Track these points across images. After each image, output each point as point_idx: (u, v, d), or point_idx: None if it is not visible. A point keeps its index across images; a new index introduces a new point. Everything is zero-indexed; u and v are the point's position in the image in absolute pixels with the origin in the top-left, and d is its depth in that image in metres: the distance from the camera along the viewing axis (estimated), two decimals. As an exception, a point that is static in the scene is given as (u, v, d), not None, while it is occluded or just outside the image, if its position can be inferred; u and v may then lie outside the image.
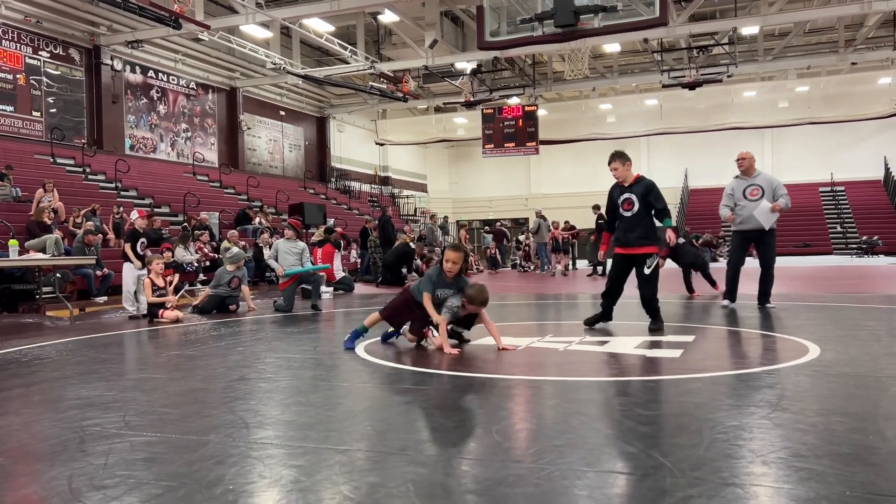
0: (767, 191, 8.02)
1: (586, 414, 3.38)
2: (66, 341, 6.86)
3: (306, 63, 24.93)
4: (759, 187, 8.07)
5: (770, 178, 8.20)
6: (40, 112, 18.93)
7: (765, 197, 8.00)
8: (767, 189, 8.03)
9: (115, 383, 4.50)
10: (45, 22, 18.83)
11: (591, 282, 15.46)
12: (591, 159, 36.63)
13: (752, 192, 8.09)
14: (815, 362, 4.55)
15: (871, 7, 19.32)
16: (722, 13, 23.99)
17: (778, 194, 7.99)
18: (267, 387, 4.27)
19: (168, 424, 3.37)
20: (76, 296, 11.71)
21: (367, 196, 32.19)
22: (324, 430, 3.18)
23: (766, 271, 8.15)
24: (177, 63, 23.49)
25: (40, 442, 3.15)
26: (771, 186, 8.05)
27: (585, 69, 20.97)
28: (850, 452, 2.65)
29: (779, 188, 8.04)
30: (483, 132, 26.60)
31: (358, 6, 18.80)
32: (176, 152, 23.60)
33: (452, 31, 23.58)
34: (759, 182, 8.11)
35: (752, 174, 8.19)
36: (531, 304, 10.31)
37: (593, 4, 8.53)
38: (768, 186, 8.05)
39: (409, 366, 4.89)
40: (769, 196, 8.00)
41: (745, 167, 8.23)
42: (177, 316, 8.54)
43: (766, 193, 8.01)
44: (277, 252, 9.99)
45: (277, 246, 10.11)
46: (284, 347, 6.07)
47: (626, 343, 5.60)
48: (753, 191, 8.09)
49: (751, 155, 8.35)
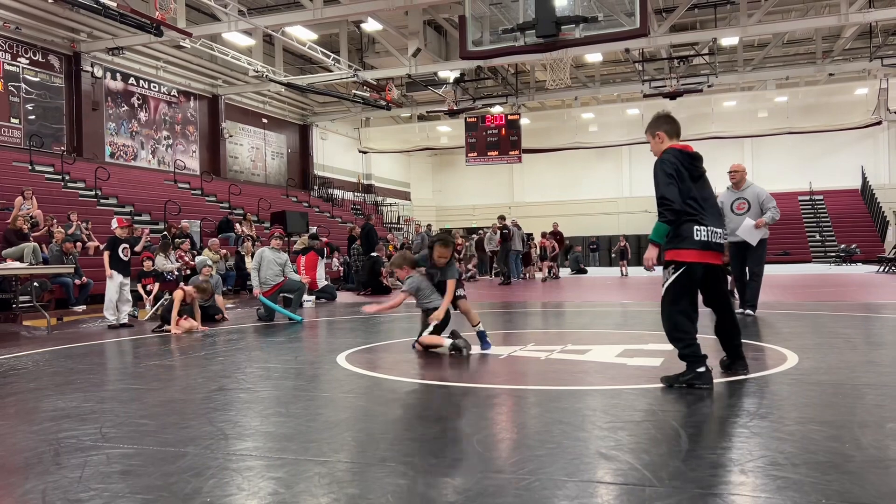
0: (754, 204, 8.06)
1: (567, 423, 3.39)
2: (42, 351, 6.77)
3: (289, 71, 24.88)
4: (745, 201, 8.13)
5: (758, 192, 8.21)
6: (19, 119, 18.72)
7: (751, 210, 8.05)
8: (754, 203, 8.07)
9: (92, 394, 4.44)
10: (25, 28, 18.65)
11: (562, 289, 15.50)
12: (573, 167, 36.91)
13: (739, 205, 8.15)
14: (794, 371, 4.60)
15: (848, 19, 19.64)
16: (702, 24, 24.28)
17: (766, 207, 8.01)
18: (246, 397, 4.24)
19: (145, 436, 3.33)
20: (54, 305, 11.56)
21: (349, 204, 32.11)
22: (303, 442, 3.16)
23: (752, 278, 8.21)
24: (158, 70, 23.35)
25: (14, 455, 3.10)
26: (758, 200, 8.08)
27: (567, 79, 21.11)
28: (826, 461, 2.67)
29: (767, 201, 8.05)
30: (466, 140, 26.69)
31: (341, 15, 18.81)
32: (157, 160, 23.42)
33: (436, 40, 23.66)
34: (746, 195, 8.16)
35: (742, 187, 8.25)
36: (511, 313, 10.32)
37: (574, 15, 8.61)
38: (755, 200, 8.08)
39: (391, 375, 4.88)
40: (755, 210, 8.04)
41: (736, 180, 8.28)
42: (192, 325, 8.40)
43: (752, 207, 8.06)
44: (262, 260, 9.85)
45: (262, 254, 9.95)
46: (265, 357, 6.03)
47: (607, 352, 5.62)
48: (740, 204, 8.14)
49: (742, 168, 8.40)
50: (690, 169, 4.17)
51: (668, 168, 4.09)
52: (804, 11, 23.79)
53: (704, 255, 4.08)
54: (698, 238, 4.05)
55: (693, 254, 4.06)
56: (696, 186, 4.16)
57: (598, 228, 34.85)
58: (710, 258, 4.11)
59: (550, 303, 12.00)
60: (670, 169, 4.08)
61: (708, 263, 4.11)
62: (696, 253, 4.06)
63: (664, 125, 4.35)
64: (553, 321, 9.08)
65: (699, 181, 4.21)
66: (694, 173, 4.18)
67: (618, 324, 8.26)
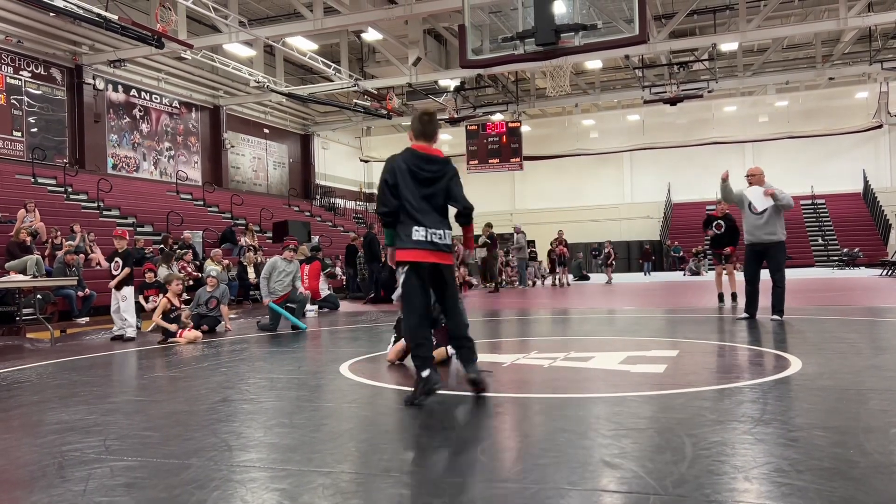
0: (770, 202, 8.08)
1: (571, 431, 3.38)
2: (46, 364, 6.77)
3: (290, 81, 24.98)
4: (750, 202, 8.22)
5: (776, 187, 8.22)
6: (21, 132, 18.80)
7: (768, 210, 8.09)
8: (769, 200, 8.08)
9: (95, 406, 4.45)
10: (27, 42, 18.76)
11: (574, 296, 15.49)
12: (574, 174, 36.94)
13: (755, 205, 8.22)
14: (798, 376, 4.59)
15: (847, 23, 19.67)
16: (701, 30, 24.34)
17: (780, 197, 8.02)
18: (250, 408, 4.24)
19: (149, 448, 3.33)
20: (58, 317, 11.58)
21: (351, 213, 32.17)
22: (307, 452, 3.16)
23: (774, 285, 8.20)
24: (160, 82, 23.45)
25: (19, 468, 3.10)
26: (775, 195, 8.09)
27: (567, 86, 21.17)
28: (831, 467, 2.67)
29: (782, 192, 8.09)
30: (467, 148, 26.74)
31: (341, 25, 18.90)
32: (159, 171, 23.50)
33: (436, 49, 23.75)
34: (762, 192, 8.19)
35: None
36: (516, 320, 10.32)
37: (574, 23, 8.63)
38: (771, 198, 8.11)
39: (394, 385, 4.87)
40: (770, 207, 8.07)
41: (754, 183, 8.36)
42: (196, 336, 8.40)
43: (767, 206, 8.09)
44: (273, 270, 9.87)
45: (275, 264, 9.96)
46: (268, 368, 6.03)
47: (610, 359, 5.61)
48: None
49: (759, 171, 8.49)
50: (415, 171, 4.26)
51: (386, 174, 4.31)
52: (803, 16, 23.87)
53: (426, 255, 4.22)
54: (416, 238, 4.20)
55: (413, 253, 4.22)
56: (421, 187, 4.25)
57: (600, 235, 34.86)
58: (434, 258, 4.25)
59: (555, 309, 12.00)
60: (386, 174, 4.30)
61: (433, 263, 4.25)
62: (416, 252, 4.22)
63: (414, 124, 4.48)
64: (556, 328, 9.07)
65: (426, 182, 4.28)
66: (419, 175, 4.27)
67: (620, 330, 8.26)
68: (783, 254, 8.26)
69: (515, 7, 9.45)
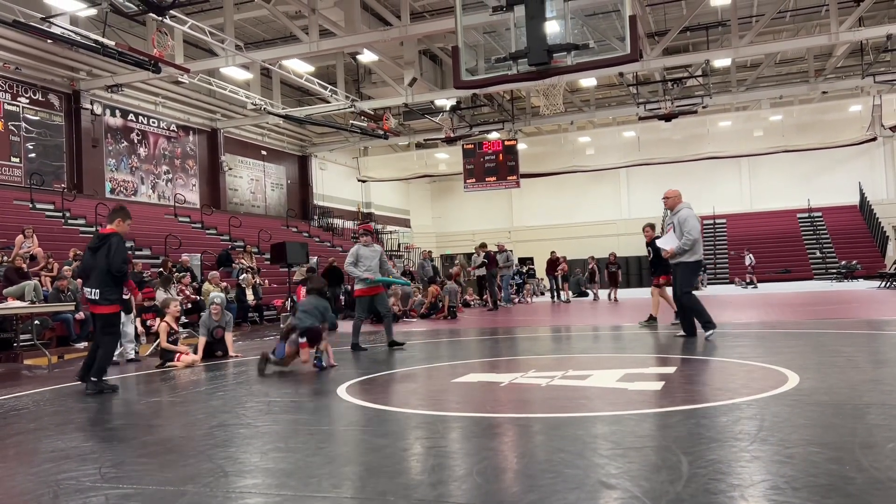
0: (677, 227, 8.34)
1: (568, 451, 3.38)
2: (43, 390, 6.75)
3: (287, 103, 25.11)
4: (672, 224, 8.49)
5: (684, 217, 8.35)
6: (19, 158, 18.86)
7: (676, 232, 8.33)
8: (677, 226, 8.35)
9: (92, 433, 4.44)
10: (25, 68, 18.87)
11: (568, 313, 15.47)
12: (571, 191, 37.05)
13: (668, 228, 8.61)
14: (794, 391, 4.59)
15: (839, 38, 19.81)
16: (695, 46, 24.53)
17: (683, 230, 8.21)
18: (247, 433, 4.23)
19: (145, 475, 3.32)
20: (55, 342, 11.55)
21: (350, 233, 32.19)
22: (303, 477, 3.15)
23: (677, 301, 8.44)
24: (157, 106, 23.57)
25: (13, 498, 3.09)
26: (679, 223, 8.33)
27: (561, 105, 21.27)
28: (827, 483, 2.66)
29: (685, 224, 8.24)
30: (464, 167, 26.82)
31: (337, 47, 19.03)
32: (157, 194, 23.54)
33: (431, 69, 23.91)
34: (674, 219, 8.48)
35: (674, 210, 8.56)
36: (515, 338, 10.30)
37: (566, 43, 8.67)
38: (678, 223, 8.35)
39: (391, 407, 4.86)
40: (678, 232, 8.30)
41: (669, 206, 8.71)
42: (193, 360, 8.37)
43: (676, 229, 8.34)
44: (357, 257, 9.69)
45: (357, 252, 9.76)
46: (265, 390, 6.02)
47: (608, 376, 5.60)
48: (669, 227, 8.60)
49: (674, 193, 8.73)
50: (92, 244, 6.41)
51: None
52: (795, 31, 24.06)
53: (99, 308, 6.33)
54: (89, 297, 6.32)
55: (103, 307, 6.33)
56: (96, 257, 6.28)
57: (597, 251, 34.85)
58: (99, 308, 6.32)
59: (552, 327, 11.98)
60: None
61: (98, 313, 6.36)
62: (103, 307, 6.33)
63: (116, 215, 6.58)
64: (553, 346, 9.05)
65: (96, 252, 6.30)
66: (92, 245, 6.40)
67: (618, 348, 8.25)
68: (685, 274, 8.34)
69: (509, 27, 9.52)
